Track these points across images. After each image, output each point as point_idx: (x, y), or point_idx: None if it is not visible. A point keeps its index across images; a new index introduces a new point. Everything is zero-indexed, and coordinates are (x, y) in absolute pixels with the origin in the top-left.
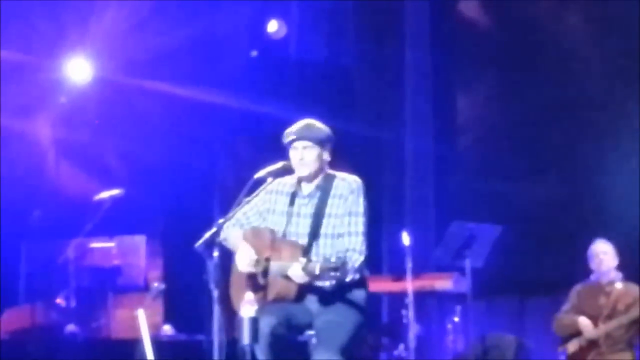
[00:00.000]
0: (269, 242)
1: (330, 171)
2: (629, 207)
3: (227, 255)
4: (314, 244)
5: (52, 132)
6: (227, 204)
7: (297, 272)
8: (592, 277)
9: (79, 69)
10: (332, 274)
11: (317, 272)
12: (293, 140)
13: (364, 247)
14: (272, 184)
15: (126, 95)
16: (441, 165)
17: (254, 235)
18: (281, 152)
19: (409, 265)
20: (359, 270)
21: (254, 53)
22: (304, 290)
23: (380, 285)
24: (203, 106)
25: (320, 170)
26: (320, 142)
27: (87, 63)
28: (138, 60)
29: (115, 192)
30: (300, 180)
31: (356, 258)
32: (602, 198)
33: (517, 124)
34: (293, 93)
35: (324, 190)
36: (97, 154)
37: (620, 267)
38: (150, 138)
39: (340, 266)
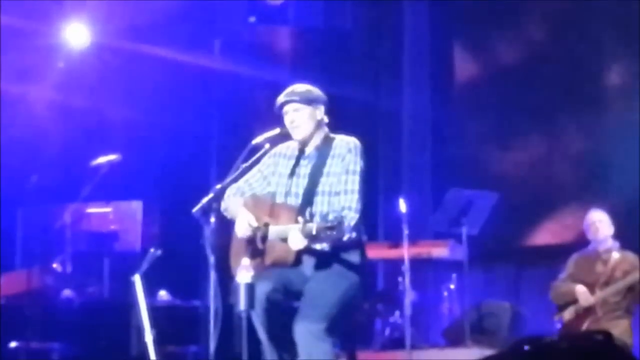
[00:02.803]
0: (268, 208)
1: (331, 134)
2: (630, 174)
3: (225, 222)
4: (311, 202)
5: (50, 98)
6: (224, 170)
7: (296, 238)
8: (590, 246)
9: (77, 34)
10: (329, 233)
11: (314, 232)
12: (282, 105)
13: (359, 206)
14: (276, 148)
15: (124, 61)
16: (438, 132)
17: (254, 203)
18: (279, 118)
19: (405, 232)
20: (355, 229)
21: (252, 19)
22: (302, 253)
23: (377, 252)
24: (201, 72)
25: (316, 130)
26: (309, 101)
27: (85, 28)
28: (136, 25)
29: (112, 157)
30: (301, 144)
31: (352, 216)
32: (603, 165)
33: (516, 90)
34: (291, 59)
35: (324, 151)
36: (94, 119)
37: (620, 233)
38: (148, 103)
39: (337, 225)
